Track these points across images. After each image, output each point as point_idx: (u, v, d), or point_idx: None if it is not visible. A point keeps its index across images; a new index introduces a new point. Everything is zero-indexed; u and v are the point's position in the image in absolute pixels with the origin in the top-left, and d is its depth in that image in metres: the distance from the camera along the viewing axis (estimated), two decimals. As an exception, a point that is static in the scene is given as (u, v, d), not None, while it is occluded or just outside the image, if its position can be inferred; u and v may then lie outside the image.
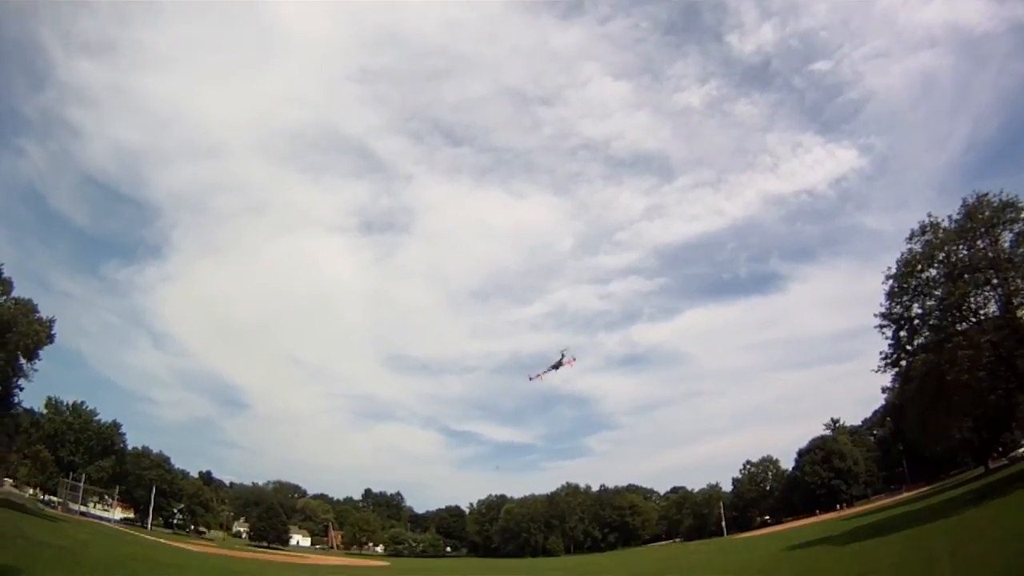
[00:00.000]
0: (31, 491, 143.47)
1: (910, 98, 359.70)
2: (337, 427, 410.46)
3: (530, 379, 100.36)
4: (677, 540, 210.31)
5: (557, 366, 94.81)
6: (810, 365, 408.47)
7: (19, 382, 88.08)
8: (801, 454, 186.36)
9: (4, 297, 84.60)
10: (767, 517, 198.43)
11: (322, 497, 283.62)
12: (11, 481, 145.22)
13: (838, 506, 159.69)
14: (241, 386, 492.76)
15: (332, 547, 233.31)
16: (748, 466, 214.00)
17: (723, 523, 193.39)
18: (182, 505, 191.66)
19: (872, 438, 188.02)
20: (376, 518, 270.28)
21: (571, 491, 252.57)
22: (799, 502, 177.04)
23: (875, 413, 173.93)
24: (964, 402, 63.50)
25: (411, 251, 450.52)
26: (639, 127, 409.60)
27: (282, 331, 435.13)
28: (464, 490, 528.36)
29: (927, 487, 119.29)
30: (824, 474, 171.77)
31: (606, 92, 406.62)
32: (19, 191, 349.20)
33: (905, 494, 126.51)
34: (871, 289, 79.54)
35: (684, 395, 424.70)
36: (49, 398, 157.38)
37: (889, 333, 66.26)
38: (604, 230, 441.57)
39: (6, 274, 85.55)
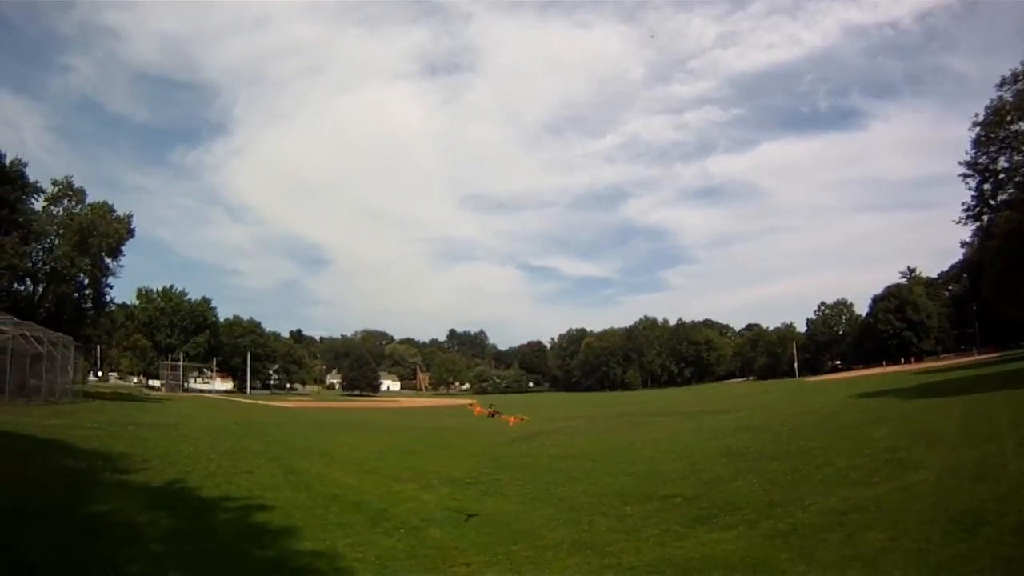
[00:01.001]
0: (136, 379, 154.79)
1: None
2: (418, 271, 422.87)
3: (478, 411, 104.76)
4: (750, 378, 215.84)
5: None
6: (889, 209, 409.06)
7: (108, 281, 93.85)
8: (875, 300, 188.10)
9: (79, 206, 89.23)
10: (838, 362, 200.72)
11: (409, 341, 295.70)
12: (116, 374, 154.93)
13: (908, 359, 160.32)
14: (321, 244, 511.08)
15: (420, 389, 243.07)
16: (823, 308, 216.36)
17: (795, 364, 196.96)
18: (276, 366, 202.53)
19: (947, 293, 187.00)
20: (461, 358, 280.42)
21: (648, 325, 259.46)
22: (870, 350, 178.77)
23: (952, 267, 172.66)
24: None
25: (478, 90, 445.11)
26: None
27: (356, 184, 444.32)
28: (545, 325, 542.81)
29: (997, 353, 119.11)
30: (897, 324, 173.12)
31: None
32: (74, 105, 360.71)
33: (975, 356, 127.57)
34: (956, 135, 78.09)
35: (760, 231, 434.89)
36: (139, 289, 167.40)
37: (973, 184, 65.58)
38: (676, 58, 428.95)
39: (77, 184, 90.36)
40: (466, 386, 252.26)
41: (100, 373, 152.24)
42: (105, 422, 40.92)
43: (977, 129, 63.20)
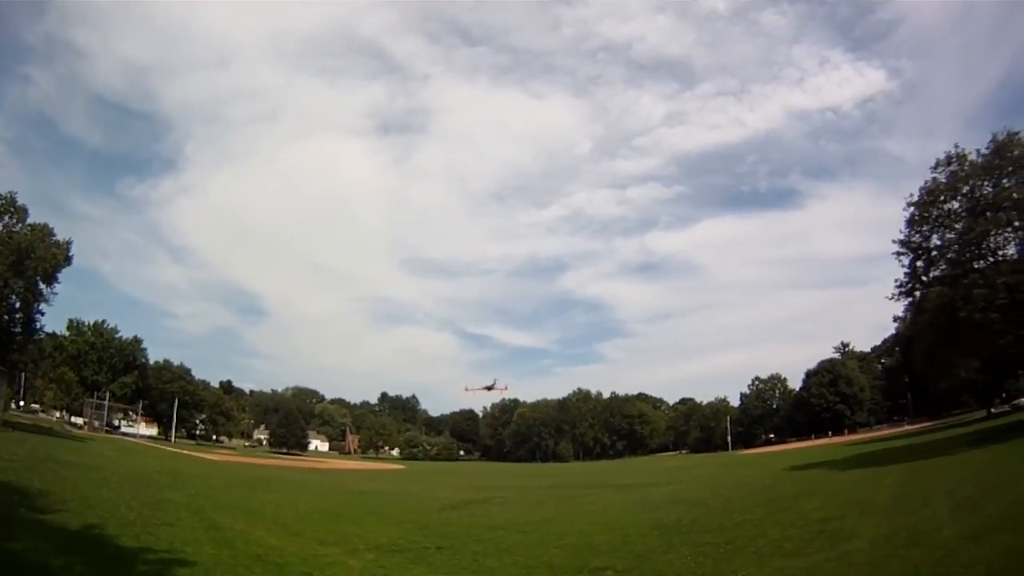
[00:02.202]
0: (58, 414, 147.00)
1: (946, 25, 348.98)
2: (355, 331, 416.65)
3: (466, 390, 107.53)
4: (684, 452, 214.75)
5: (490, 388, 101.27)
6: (824, 286, 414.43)
7: (40, 307, 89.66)
8: (809, 375, 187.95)
9: (20, 224, 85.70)
10: (771, 435, 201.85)
11: (340, 402, 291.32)
12: (38, 406, 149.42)
13: (842, 431, 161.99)
14: (261, 294, 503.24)
15: (349, 451, 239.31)
16: (756, 382, 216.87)
17: (729, 438, 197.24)
18: (204, 416, 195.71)
19: (880, 366, 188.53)
20: (392, 422, 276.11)
21: (582, 397, 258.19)
22: (803, 423, 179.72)
23: (885, 341, 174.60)
24: (974, 341, 62.69)
25: (429, 152, 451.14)
26: (662, 30, 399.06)
27: (301, 237, 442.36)
28: (478, 394, 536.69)
29: (929, 422, 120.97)
30: (830, 397, 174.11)
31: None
32: (29, 119, 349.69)
33: (907, 427, 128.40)
34: (890, 215, 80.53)
35: (697, 306, 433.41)
36: (71, 320, 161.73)
37: (906, 261, 66.11)
38: (623, 134, 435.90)
39: (21, 202, 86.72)
40: (395, 451, 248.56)
41: (22, 403, 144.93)
42: (24, 455, 39.70)
43: (912, 209, 64.72)
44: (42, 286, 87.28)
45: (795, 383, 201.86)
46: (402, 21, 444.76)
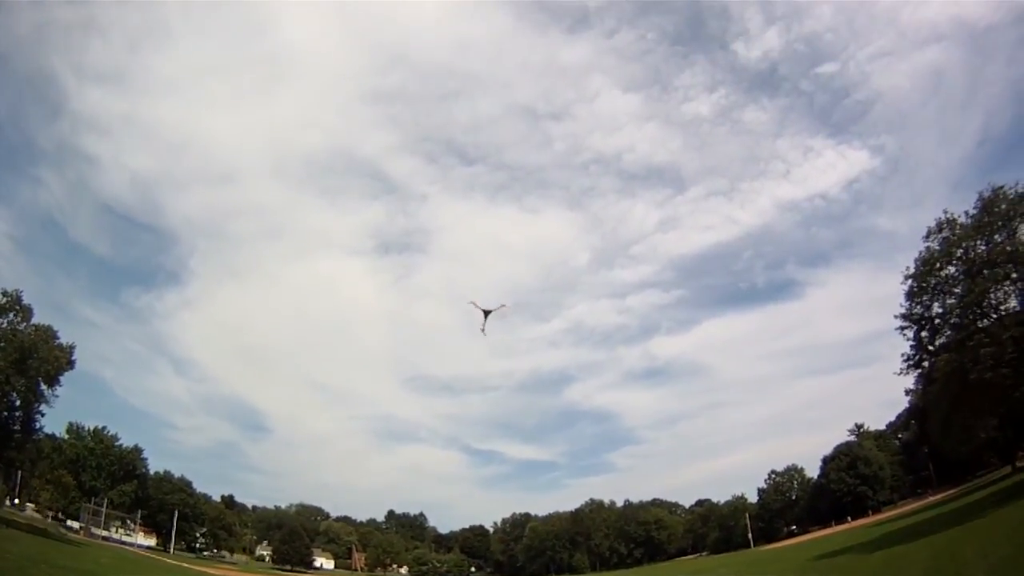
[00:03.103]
0: (53, 516, 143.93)
1: (918, 95, 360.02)
2: (359, 449, 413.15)
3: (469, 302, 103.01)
4: (704, 554, 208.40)
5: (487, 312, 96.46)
6: (831, 371, 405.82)
7: (40, 408, 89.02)
8: (826, 461, 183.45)
9: (24, 324, 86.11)
10: (794, 527, 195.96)
11: (345, 519, 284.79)
12: (33, 506, 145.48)
13: (866, 513, 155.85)
14: (263, 410, 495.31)
15: (356, 569, 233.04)
16: (773, 476, 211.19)
17: (750, 534, 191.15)
18: (204, 529, 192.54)
19: (897, 442, 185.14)
20: (400, 539, 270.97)
21: (595, 507, 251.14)
22: (825, 510, 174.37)
23: (899, 416, 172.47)
24: (988, 401, 62.16)
25: (429, 271, 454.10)
26: (649, 139, 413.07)
27: (303, 354, 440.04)
28: (488, 509, 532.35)
29: (954, 489, 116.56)
30: (850, 480, 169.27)
31: (615, 105, 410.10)
32: (39, 220, 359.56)
33: (932, 498, 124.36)
34: (889, 291, 78.73)
35: (705, 407, 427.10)
36: (71, 423, 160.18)
37: (910, 334, 65.78)
38: (619, 244, 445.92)
39: (26, 301, 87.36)
40: (404, 569, 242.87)
41: (16, 501, 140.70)
42: (17, 555, 38.12)
43: (909, 281, 64.58)
44: (43, 387, 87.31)
45: (813, 471, 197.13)
46: (401, 142, 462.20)
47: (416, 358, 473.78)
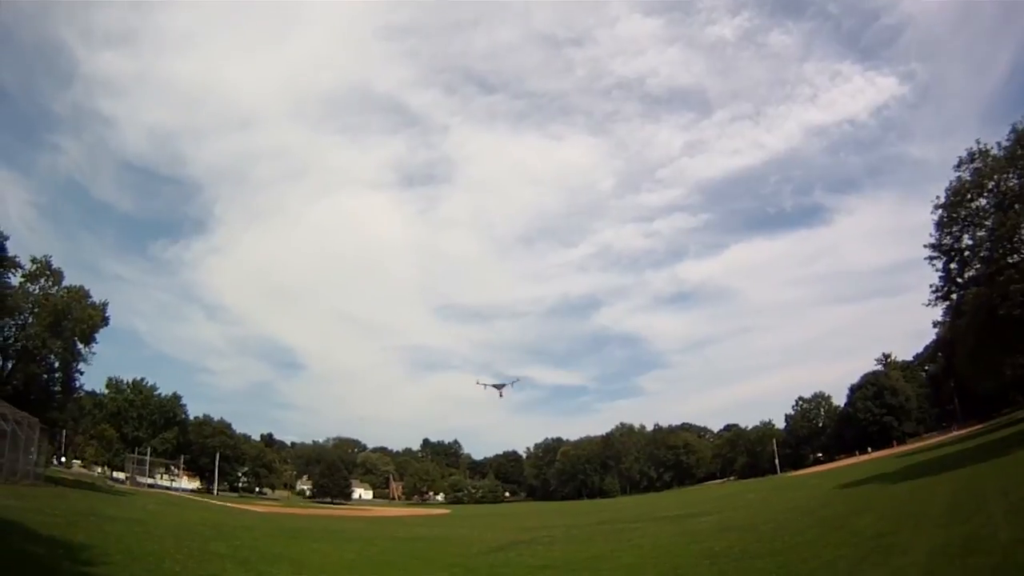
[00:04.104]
0: (99, 469, 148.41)
1: (949, 23, 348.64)
2: (393, 380, 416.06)
3: (477, 383, 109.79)
4: (731, 478, 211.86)
5: (499, 387, 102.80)
6: (859, 299, 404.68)
7: (78, 366, 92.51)
8: (853, 390, 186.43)
9: (56, 287, 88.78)
10: (820, 454, 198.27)
11: (382, 450, 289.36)
12: (79, 462, 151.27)
13: (891, 444, 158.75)
14: (296, 348, 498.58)
15: (393, 498, 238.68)
16: (800, 402, 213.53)
17: (776, 461, 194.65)
18: (246, 469, 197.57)
19: (924, 374, 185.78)
20: (435, 467, 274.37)
21: (625, 431, 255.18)
22: (851, 439, 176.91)
23: (926, 348, 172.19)
24: (1016, 337, 61.43)
25: (454, 201, 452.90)
26: (672, 63, 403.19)
27: (332, 290, 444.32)
28: (520, 434, 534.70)
29: (979, 425, 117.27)
30: (876, 410, 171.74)
31: (636, 29, 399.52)
32: (61, 185, 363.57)
33: (956, 432, 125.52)
34: (919, 220, 79.15)
35: (734, 331, 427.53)
36: (109, 378, 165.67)
37: (939, 265, 65.19)
38: (645, 168, 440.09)
39: (56, 265, 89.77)
40: (440, 496, 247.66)
41: (63, 459, 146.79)
42: (67, 510, 39.35)
43: (939, 211, 63.63)
44: (80, 346, 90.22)
45: (840, 400, 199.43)
46: (419, 75, 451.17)
47: (445, 287, 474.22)
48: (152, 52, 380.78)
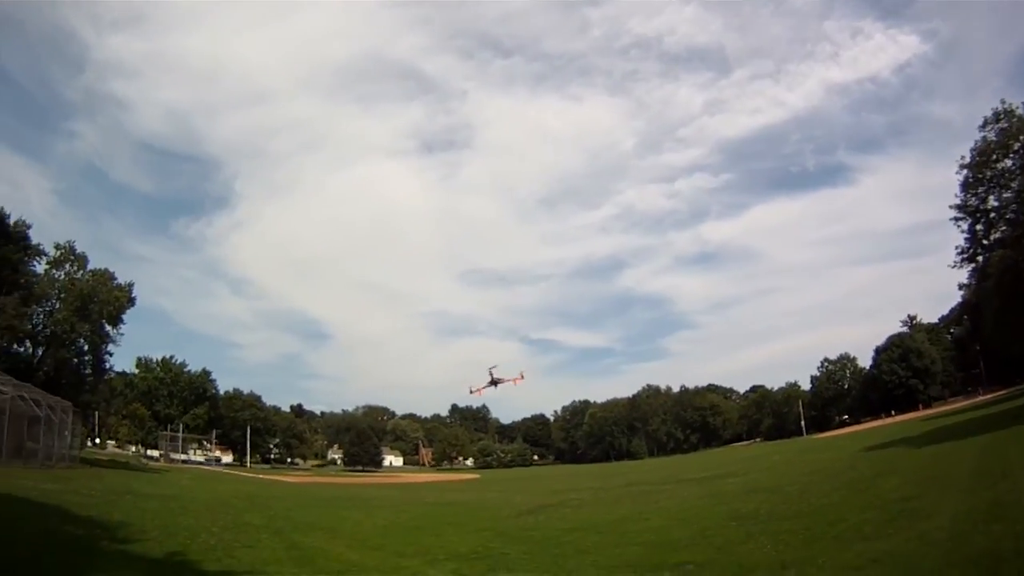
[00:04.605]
0: (133, 448, 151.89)
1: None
2: (419, 347, 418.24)
3: (471, 392, 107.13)
4: (757, 440, 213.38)
5: (495, 383, 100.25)
6: (884, 260, 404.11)
7: (108, 348, 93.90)
8: (878, 352, 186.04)
9: (81, 272, 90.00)
10: (845, 417, 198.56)
11: (411, 417, 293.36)
12: (113, 442, 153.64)
13: (916, 407, 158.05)
14: (322, 318, 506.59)
15: (423, 464, 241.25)
16: (826, 364, 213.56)
17: (802, 422, 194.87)
18: (277, 440, 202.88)
19: (949, 337, 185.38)
20: (464, 432, 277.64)
21: (652, 393, 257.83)
22: (877, 401, 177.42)
23: (952, 310, 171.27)
24: None
25: (474, 166, 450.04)
26: (690, 21, 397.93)
27: (355, 260, 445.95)
28: (548, 398, 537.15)
29: (1005, 390, 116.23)
30: (902, 372, 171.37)
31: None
32: (79, 171, 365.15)
33: (982, 397, 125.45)
34: (943, 180, 78.10)
35: (758, 292, 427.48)
36: (139, 358, 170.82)
37: (965, 226, 65.23)
38: (665, 127, 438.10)
39: (79, 250, 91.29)
40: (469, 461, 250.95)
41: (98, 440, 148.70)
42: (103, 489, 40.45)
43: (965, 172, 63.49)
44: (108, 328, 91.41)
45: (865, 361, 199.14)
46: (432, 42, 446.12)
47: (468, 252, 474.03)
48: (161, 32, 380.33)
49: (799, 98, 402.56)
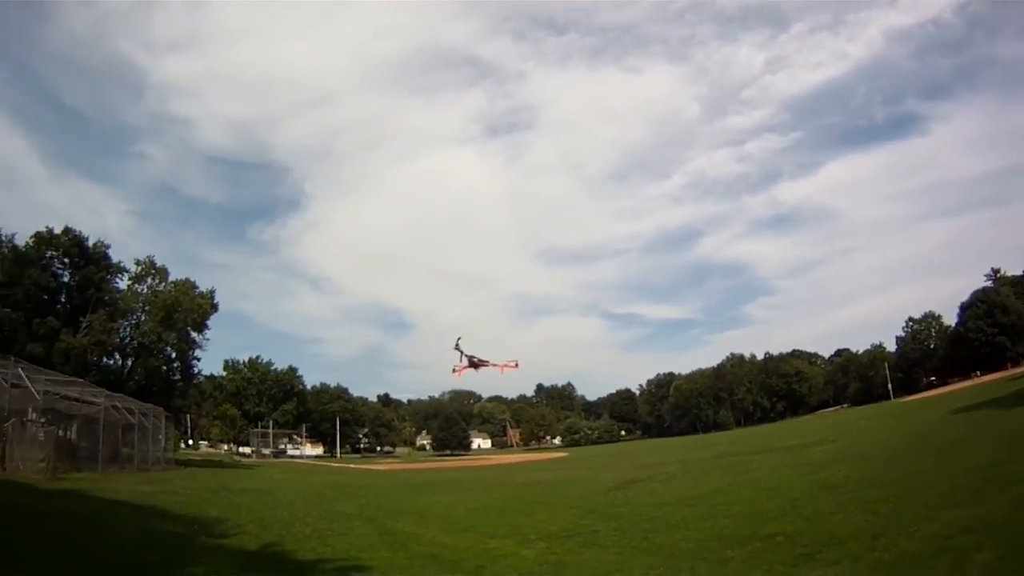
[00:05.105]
0: (226, 447, 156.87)
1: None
2: (500, 329, 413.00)
3: (453, 371, 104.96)
4: (845, 405, 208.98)
5: (474, 365, 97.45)
6: (964, 211, 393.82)
7: (195, 353, 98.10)
8: (964, 308, 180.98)
9: (163, 284, 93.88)
10: (933, 378, 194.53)
11: (497, 399, 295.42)
12: (206, 443, 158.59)
13: (1006, 365, 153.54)
14: (402, 308, 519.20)
15: (512, 445, 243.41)
16: (911, 323, 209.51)
17: (889, 385, 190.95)
18: (366, 430, 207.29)
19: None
20: (550, 411, 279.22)
21: (736, 362, 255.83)
22: (964, 361, 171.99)
23: None
24: None
25: (540, 145, 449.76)
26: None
27: (430, 248, 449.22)
28: (632, 372, 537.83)
29: None
30: (988, 330, 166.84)
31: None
32: (152, 191, 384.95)
33: None
34: (1019, 122, 73.95)
35: (836, 252, 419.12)
36: (226, 361, 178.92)
37: None
38: (728, 90, 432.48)
39: (160, 264, 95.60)
40: (557, 439, 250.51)
41: (191, 441, 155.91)
42: (198, 488, 42.01)
43: None
44: (193, 334, 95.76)
45: (950, 319, 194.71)
46: (485, 26, 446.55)
47: (542, 232, 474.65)
48: (214, 50, 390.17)
49: (860, 48, 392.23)
